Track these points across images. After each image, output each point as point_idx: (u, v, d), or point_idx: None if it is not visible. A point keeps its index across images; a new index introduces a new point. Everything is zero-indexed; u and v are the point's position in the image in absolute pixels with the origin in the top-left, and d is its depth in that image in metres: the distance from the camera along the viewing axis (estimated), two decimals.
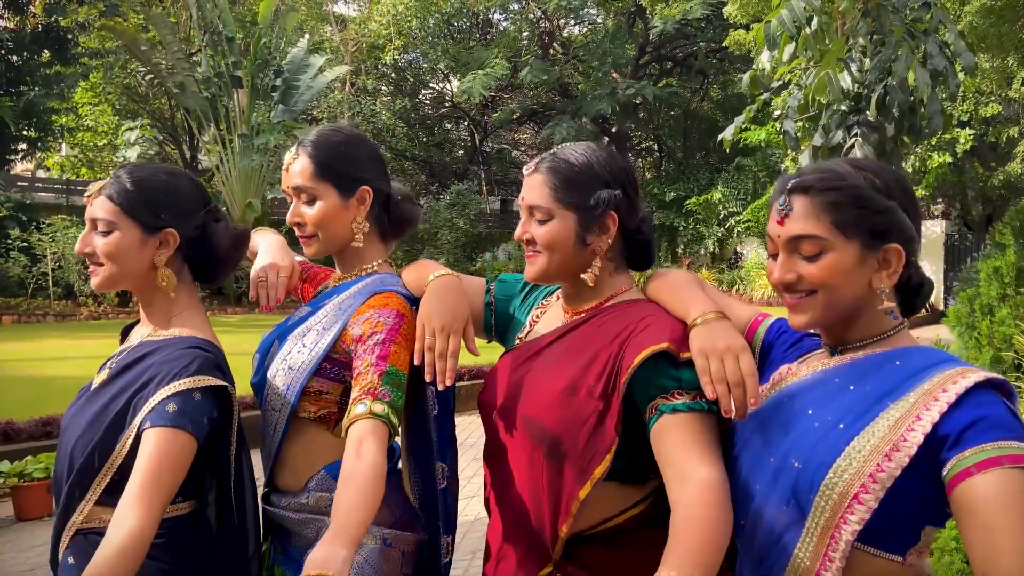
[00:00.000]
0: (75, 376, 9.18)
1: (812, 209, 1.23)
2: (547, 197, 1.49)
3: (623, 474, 1.39)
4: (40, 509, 5.13)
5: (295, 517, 1.60)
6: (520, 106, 29.60)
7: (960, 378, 1.14)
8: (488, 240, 26.88)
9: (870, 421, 1.17)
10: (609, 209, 1.48)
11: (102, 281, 1.56)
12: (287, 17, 22.62)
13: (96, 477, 1.45)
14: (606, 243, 1.50)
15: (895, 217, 1.23)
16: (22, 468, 5.16)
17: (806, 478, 1.18)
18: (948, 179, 20.47)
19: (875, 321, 1.27)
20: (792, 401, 1.28)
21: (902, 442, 1.13)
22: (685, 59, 28.44)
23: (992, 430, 1.08)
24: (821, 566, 1.16)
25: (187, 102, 20.31)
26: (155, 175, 1.58)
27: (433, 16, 25.56)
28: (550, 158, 1.53)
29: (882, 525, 1.15)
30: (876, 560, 1.17)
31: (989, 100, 17.64)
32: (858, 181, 1.23)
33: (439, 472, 1.65)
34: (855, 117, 4.75)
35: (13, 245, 16.96)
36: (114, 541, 1.27)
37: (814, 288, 1.24)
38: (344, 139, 1.70)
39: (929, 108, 4.51)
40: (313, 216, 1.64)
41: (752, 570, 1.29)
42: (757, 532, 1.26)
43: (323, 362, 1.58)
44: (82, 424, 1.50)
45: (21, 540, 4.75)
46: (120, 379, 1.52)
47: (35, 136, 21.93)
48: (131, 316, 16.39)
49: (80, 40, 22.07)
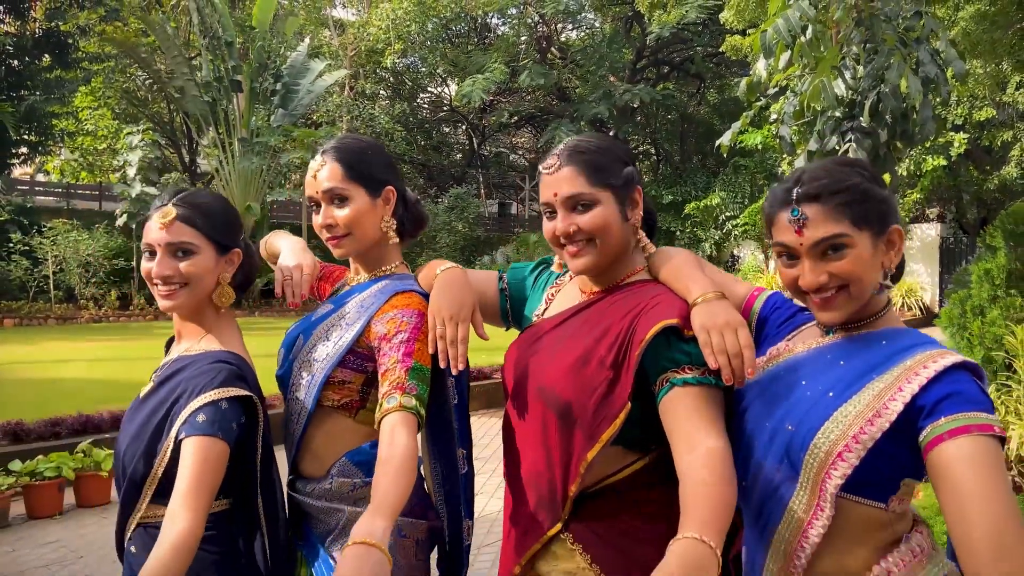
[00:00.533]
0: (79, 378, 9.29)
1: (829, 212, 1.34)
2: (585, 184, 1.55)
3: (628, 439, 1.50)
4: (51, 507, 5.22)
5: (318, 505, 1.70)
6: (518, 110, 29.71)
7: (939, 358, 1.28)
8: (486, 243, 26.94)
9: (857, 391, 1.31)
10: (636, 184, 1.61)
11: (182, 302, 1.65)
12: (286, 22, 22.72)
13: (147, 480, 1.59)
14: (639, 216, 1.62)
15: (891, 203, 1.38)
16: (33, 467, 5.25)
17: (798, 439, 1.33)
18: (943, 183, 20.61)
19: (873, 302, 1.40)
20: (788, 374, 1.42)
21: (884, 409, 1.27)
22: (682, 63, 28.58)
23: (964, 403, 1.23)
24: (813, 515, 1.31)
25: (187, 106, 20.39)
26: (218, 200, 1.71)
27: (432, 20, 25.64)
28: (569, 151, 1.58)
29: (864, 480, 1.29)
30: (861, 507, 1.31)
31: (983, 104, 17.78)
32: (857, 179, 1.36)
33: (460, 458, 1.76)
34: (849, 123, 4.86)
35: (14, 249, 17.06)
36: (166, 541, 1.42)
37: (845, 283, 1.35)
38: (366, 144, 1.82)
39: (921, 114, 4.62)
40: (345, 217, 1.73)
41: (753, 523, 1.44)
42: (756, 488, 1.40)
43: (347, 355, 1.69)
44: (131, 431, 1.63)
45: (34, 537, 4.84)
46: (160, 391, 1.64)
47: (36, 140, 22.03)
48: (131, 319, 16.39)
49: (81, 45, 22.15)
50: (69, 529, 4.98)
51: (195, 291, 1.64)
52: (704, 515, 1.24)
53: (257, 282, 17.44)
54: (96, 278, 17.93)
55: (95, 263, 17.80)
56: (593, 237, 1.57)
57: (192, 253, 1.62)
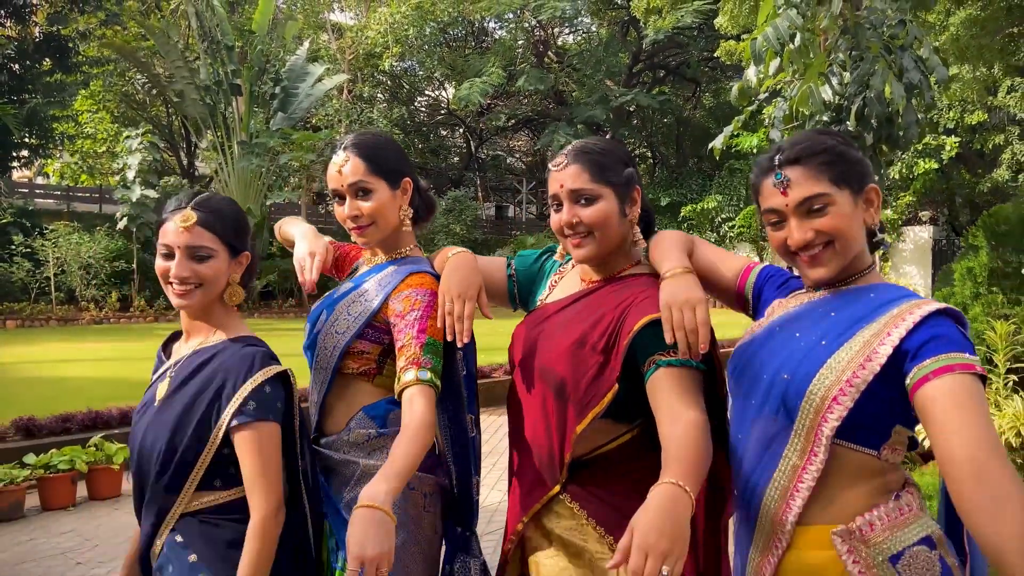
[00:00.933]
0: (85, 376, 9.45)
1: (810, 172, 1.46)
2: (589, 180, 1.73)
3: (617, 413, 1.69)
4: (65, 499, 5.38)
5: (336, 457, 1.88)
6: (515, 113, 29.89)
7: (923, 306, 1.38)
8: (484, 246, 27.08)
9: (848, 339, 1.40)
10: (635, 183, 1.79)
11: (198, 302, 1.73)
12: (285, 26, 22.89)
13: (191, 472, 1.67)
14: (637, 212, 1.79)
15: (866, 164, 1.50)
16: (47, 460, 5.40)
17: (794, 387, 1.41)
18: (936, 186, 20.86)
19: (858, 259, 1.51)
20: (782, 329, 1.52)
21: (874, 354, 1.36)
22: (678, 67, 28.80)
23: (946, 345, 1.31)
24: (807, 461, 1.39)
25: (187, 110, 20.56)
26: (232, 204, 1.83)
27: (429, 25, 25.83)
28: (576, 151, 1.77)
29: (857, 423, 1.37)
30: (854, 454, 1.39)
31: (975, 109, 18.01)
32: (832, 142, 1.49)
33: (469, 423, 1.94)
34: (836, 127, 5.04)
35: (16, 251, 17.22)
36: (254, 532, 1.61)
37: (831, 238, 1.46)
38: (383, 140, 2.01)
39: (905, 119, 4.80)
40: (370, 207, 1.90)
41: (744, 482, 1.53)
42: (751, 442, 1.51)
43: (366, 328, 1.87)
44: (165, 429, 1.69)
45: (49, 527, 4.99)
46: (188, 387, 1.72)
47: (36, 143, 22.17)
48: (132, 320, 16.39)
49: (81, 49, 22.31)
50: (82, 520, 5.14)
51: (208, 291, 1.73)
52: (682, 468, 1.40)
53: (256, 284, 17.58)
54: (97, 280, 18.11)
55: (96, 265, 17.98)
56: (592, 230, 1.75)
57: (209, 257, 1.71)
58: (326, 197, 28.58)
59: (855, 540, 1.38)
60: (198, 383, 1.70)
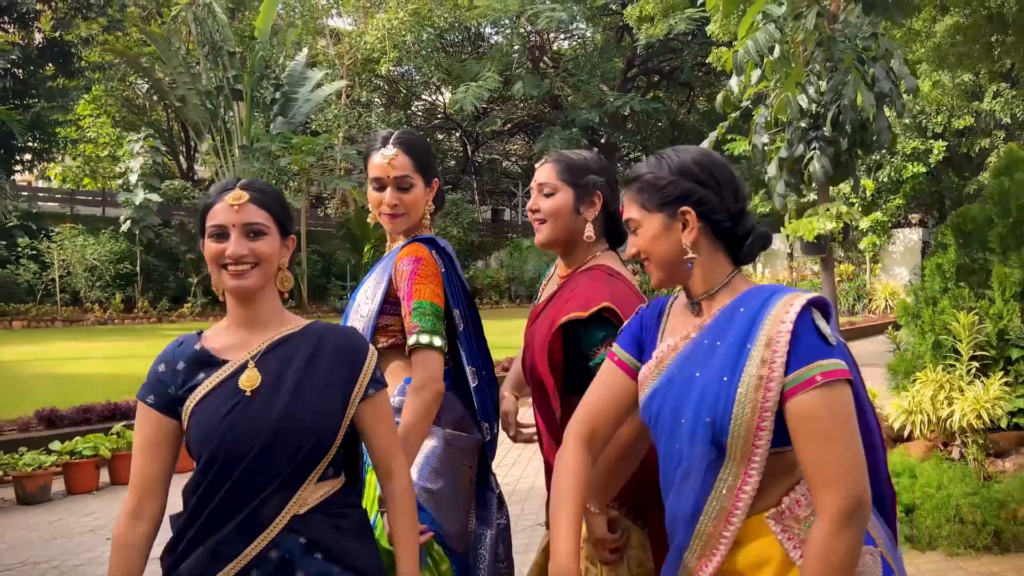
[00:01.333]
0: (99, 372, 9.80)
1: (631, 198, 1.59)
2: (553, 176, 2.06)
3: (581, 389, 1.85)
4: (89, 483, 5.71)
5: None
6: (511, 118, 30.20)
7: (785, 313, 1.42)
8: (481, 248, 27.45)
9: (743, 366, 1.42)
10: (596, 189, 2.05)
11: (254, 283, 1.64)
12: (286, 32, 23.23)
13: (322, 458, 1.61)
14: (593, 214, 2.06)
15: (678, 187, 1.53)
16: (72, 447, 5.74)
17: (717, 428, 1.43)
18: (925, 188, 21.29)
19: (710, 273, 1.56)
20: (680, 372, 1.52)
21: (772, 375, 1.39)
22: (671, 72, 29.17)
23: (807, 355, 1.38)
24: (743, 482, 1.43)
25: (188, 114, 20.89)
26: (275, 187, 1.82)
27: (426, 30, 26.14)
28: (556, 155, 2.11)
29: (778, 432, 1.41)
30: (778, 455, 1.44)
31: (961, 113, 18.44)
32: (646, 169, 1.57)
33: (470, 374, 2.17)
34: (814, 133, 5.41)
35: (22, 253, 17.51)
36: (403, 496, 1.71)
37: (647, 257, 1.58)
38: (425, 141, 2.30)
39: (876, 125, 5.17)
40: (409, 200, 2.17)
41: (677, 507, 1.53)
42: (683, 477, 1.51)
43: (384, 303, 2.13)
44: (288, 420, 1.58)
45: (76, 509, 5.31)
46: (288, 372, 1.63)
47: (40, 147, 22.46)
48: (135, 321, 16.56)
49: (84, 54, 22.60)
50: (107, 502, 5.46)
51: (265, 271, 1.65)
52: None
53: None
54: (101, 282, 18.44)
55: (100, 267, 18.30)
56: (545, 218, 2.07)
57: (264, 234, 1.64)
58: (324, 200, 28.91)
59: (787, 519, 1.45)
60: (327, 361, 1.66)
